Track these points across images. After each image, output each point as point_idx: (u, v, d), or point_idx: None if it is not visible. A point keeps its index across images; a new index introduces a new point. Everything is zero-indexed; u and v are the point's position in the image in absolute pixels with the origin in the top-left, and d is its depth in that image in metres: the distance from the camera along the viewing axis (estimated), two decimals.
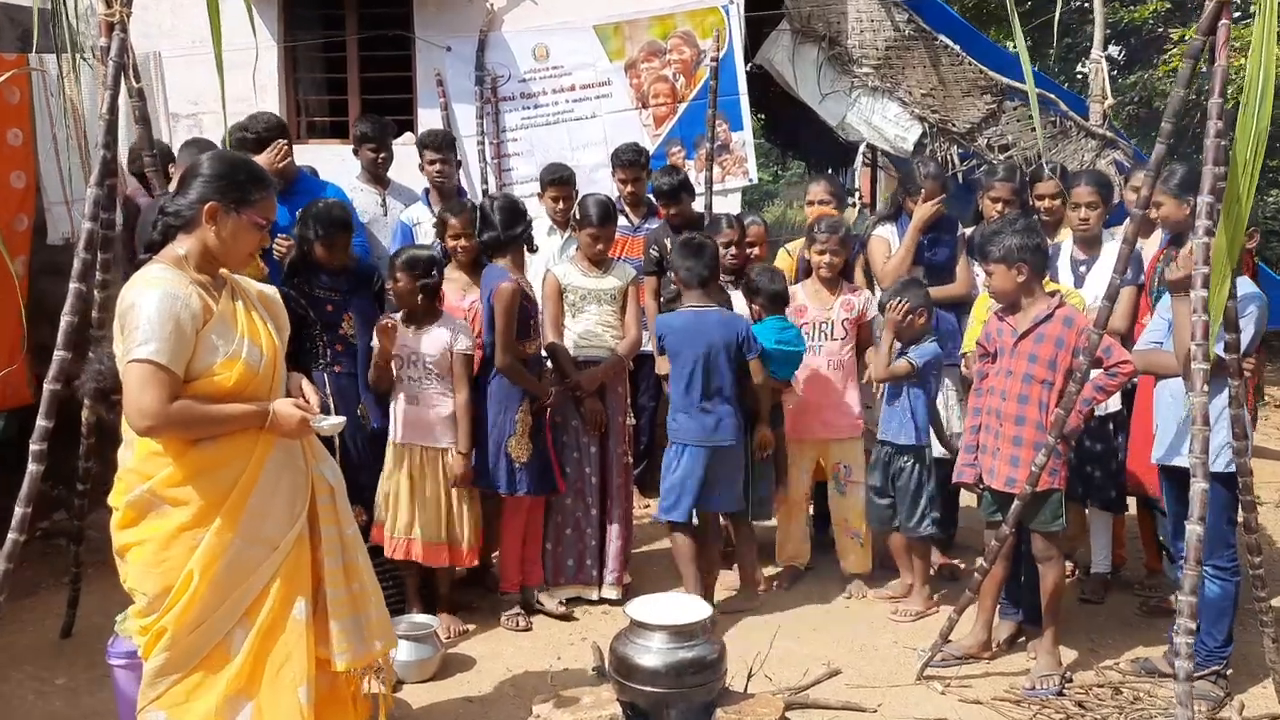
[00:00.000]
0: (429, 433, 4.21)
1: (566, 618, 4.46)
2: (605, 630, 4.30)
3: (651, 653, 3.20)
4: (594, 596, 4.62)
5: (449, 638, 4.22)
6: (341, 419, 2.85)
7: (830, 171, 11.37)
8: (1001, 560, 3.93)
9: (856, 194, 13.18)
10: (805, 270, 5.05)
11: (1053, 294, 3.98)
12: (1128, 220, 4.92)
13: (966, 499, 5.55)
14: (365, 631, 2.89)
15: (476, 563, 4.25)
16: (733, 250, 4.85)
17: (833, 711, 3.72)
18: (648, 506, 5.85)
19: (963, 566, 5.05)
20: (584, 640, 4.24)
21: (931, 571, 4.72)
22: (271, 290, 2.97)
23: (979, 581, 3.89)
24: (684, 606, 3.34)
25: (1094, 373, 3.75)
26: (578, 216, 4.73)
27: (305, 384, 2.94)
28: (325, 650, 2.81)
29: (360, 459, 4.23)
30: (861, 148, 7.46)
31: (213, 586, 2.63)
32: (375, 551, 4.20)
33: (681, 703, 3.17)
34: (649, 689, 3.16)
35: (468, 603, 4.53)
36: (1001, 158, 6.54)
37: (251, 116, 4.74)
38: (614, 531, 4.62)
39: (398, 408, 4.20)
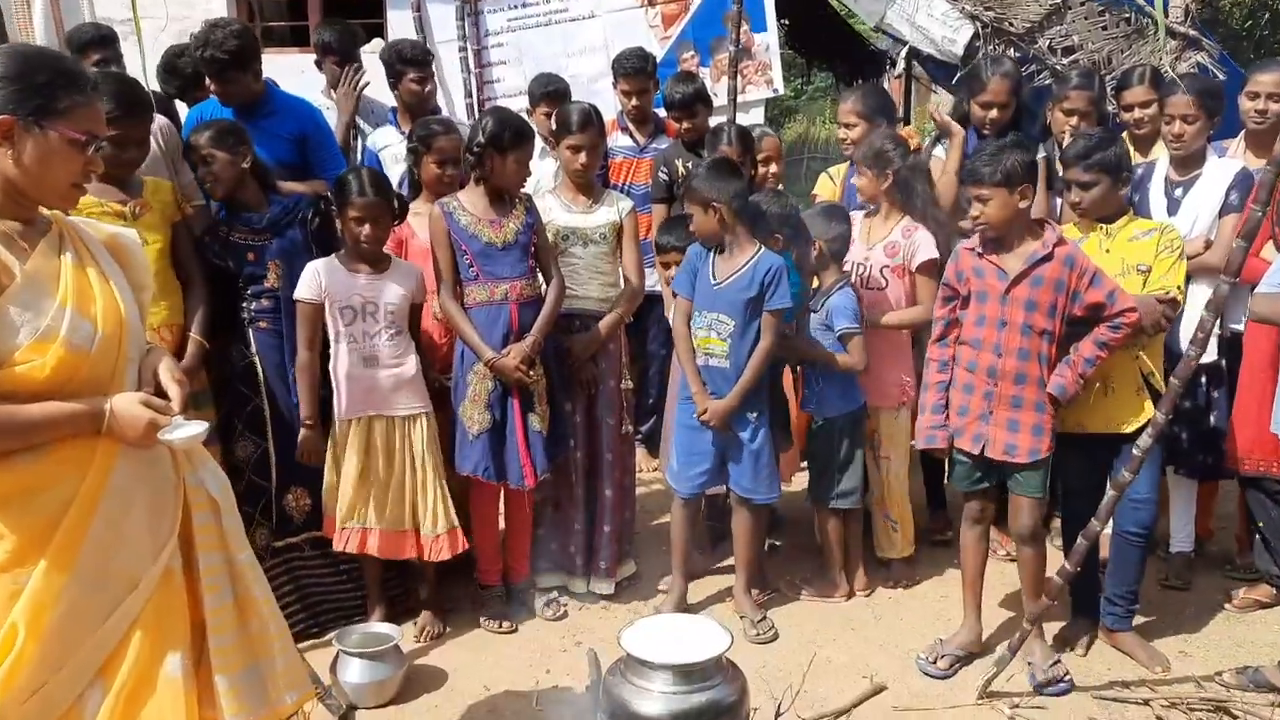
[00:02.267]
0: (387, 399, 3.48)
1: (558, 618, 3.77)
2: (602, 632, 3.63)
3: (654, 697, 2.51)
4: (581, 589, 3.92)
5: (421, 641, 3.55)
6: (201, 428, 2.03)
7: (860, 82, 10.40)
8: (981, 552, 3.50)
9: None
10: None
11: (1039, 223, 3.32)
12: (1242, 134, 4.13)
13: None
14: (267, 684, 2.20)
15: (448, 554, 3.54)
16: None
17: None
18: (656, 469, 5.14)
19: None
20: (578, 645, 3.55)
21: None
22: (128, 235, 2.21)
23: (1057, 585, 3.16)
24: (695, 633, 2.63)
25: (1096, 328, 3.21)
26: (554, 128, 3.90)
27: (165, 368, 2.13)
28: (213, 712, 2.13)
29: (298, 431, 3.52)
30: (901, 54, 6.46)
31: (45, 644, 1.93)
32: (327, 543, 3.55)
33: None
34: None
35: (439, 599, 3.82)
36: (1066, 62, 5.64)
37: (210, 26, 3.78)
38: (605, 516, 3.89)
39: (344, 374, 3.45)
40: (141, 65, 4.07)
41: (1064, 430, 3.36)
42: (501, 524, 3.83)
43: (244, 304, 3.48)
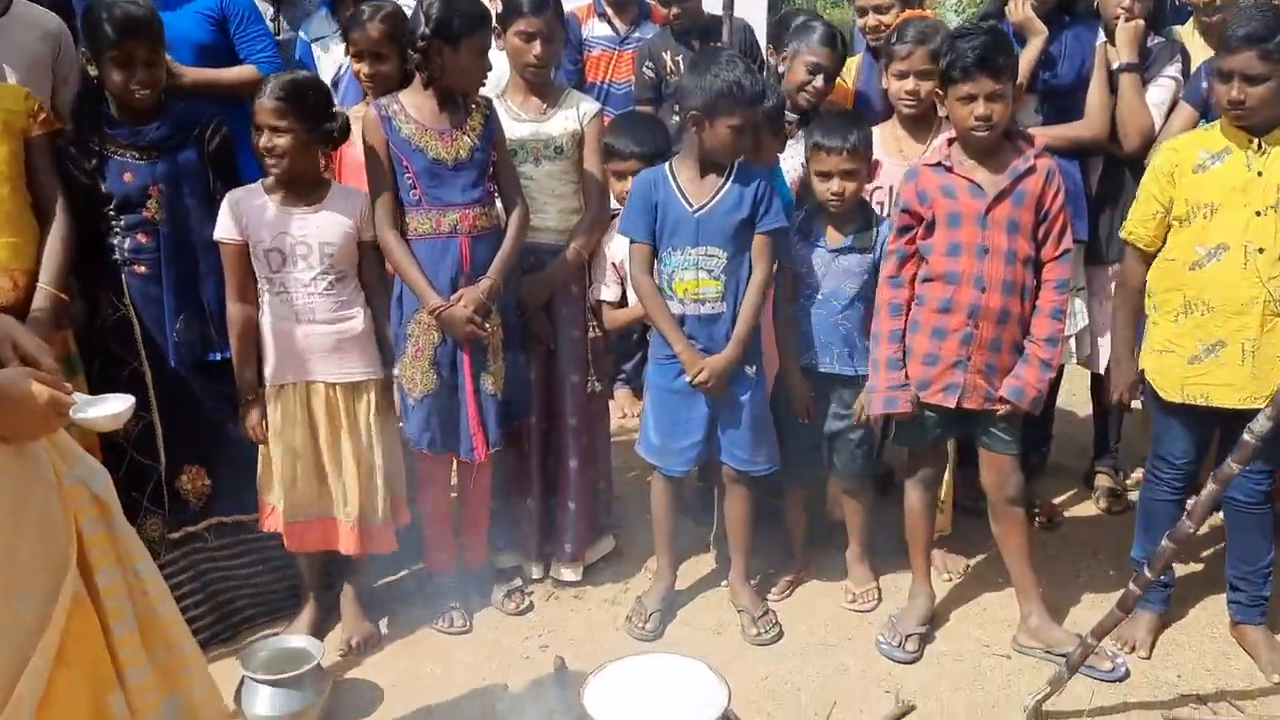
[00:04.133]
0: (326, 363, 2.81)
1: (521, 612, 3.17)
2: (573, 629, 3.07)
3: None
4: (538, 574, 3.32)
5: (352, 651, 2.96)
6: (128, 401, 1.68)
7: None
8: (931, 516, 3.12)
9: None
10: (885, 108, 3.44)
11: (1016, 132, 2.85)
12: None
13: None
14: None
15: (356, 549, 2.91)
16: (820, 80, 3.35)
17: None
18: (639, 415, 4.51)
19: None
20: (544, 650, 2.95)
21: None
22: None
23: (1134, 595, 2.54)
24: (680, 684, 2.03)
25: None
26: (499, 11, 3.14)
27: (23, 335, 1.69)
28: None
29: (201, 399, 2.87)
30: None
31: None
32: (237, 529, 2.95)
33: None
34: None
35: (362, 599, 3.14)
36: None
37: None
38: (570, 491, 3.26)
39: (271, 330, 2.79)
40: None
41: (1179, 399, 2.76)
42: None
43: (115, 241, 2.78)
